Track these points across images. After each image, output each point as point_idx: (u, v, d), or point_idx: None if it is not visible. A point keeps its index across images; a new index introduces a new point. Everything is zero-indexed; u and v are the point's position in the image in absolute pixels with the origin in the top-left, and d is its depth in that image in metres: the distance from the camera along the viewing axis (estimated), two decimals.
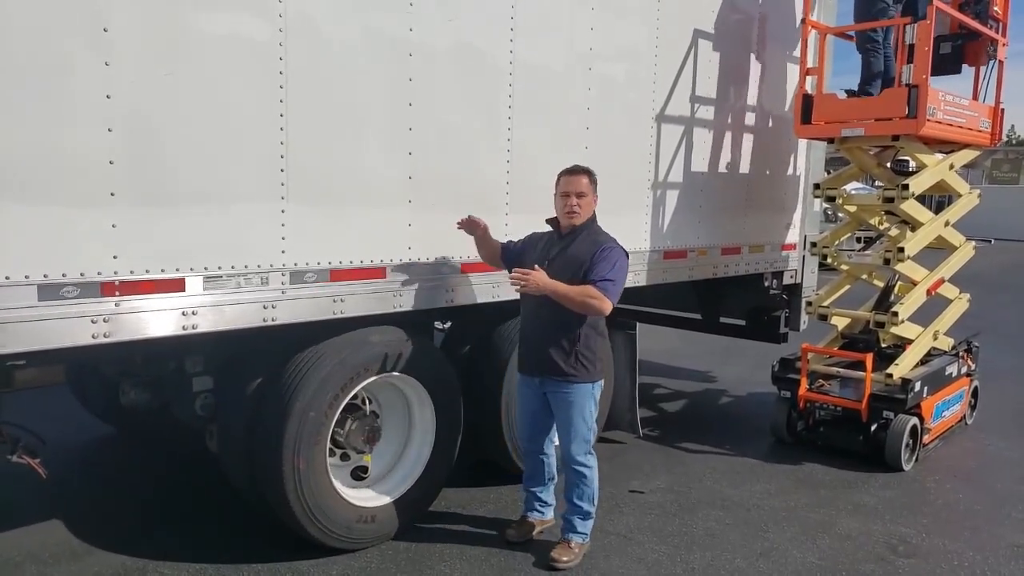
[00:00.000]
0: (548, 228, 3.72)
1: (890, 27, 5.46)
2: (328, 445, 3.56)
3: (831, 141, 5.62)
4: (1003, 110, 5.87)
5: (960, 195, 5.81)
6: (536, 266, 3.43)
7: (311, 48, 3.19)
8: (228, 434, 3.61)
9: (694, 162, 5.22)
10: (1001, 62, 5.77)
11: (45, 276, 2.60)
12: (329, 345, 3.52)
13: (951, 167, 5.55)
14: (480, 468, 4.50)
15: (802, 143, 6.02)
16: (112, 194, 2.71)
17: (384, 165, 3.54)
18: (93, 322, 2.71)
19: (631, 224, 4.80)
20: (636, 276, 4.81)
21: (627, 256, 3.60)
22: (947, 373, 5.58)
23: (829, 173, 6.32)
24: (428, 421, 3.97)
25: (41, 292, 2.59)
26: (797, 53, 5.51)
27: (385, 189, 3.56)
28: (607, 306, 3.43)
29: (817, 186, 5.67)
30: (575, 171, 3.62)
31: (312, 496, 3.46)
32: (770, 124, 5.75)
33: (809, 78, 5.41)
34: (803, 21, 5.34)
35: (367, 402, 3.85)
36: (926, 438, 5.26)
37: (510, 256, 3.77)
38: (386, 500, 3.81)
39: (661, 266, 5.04)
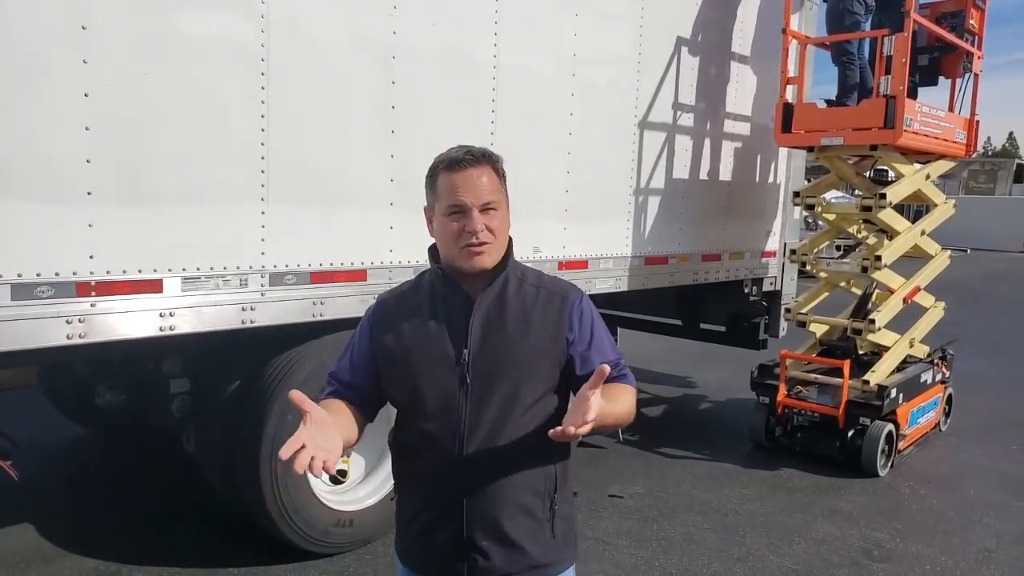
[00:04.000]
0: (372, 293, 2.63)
1: (865, 39, 5.54)
2: None
3: (811, 150, 5.68)
4: (978, 122, 5.98)
5: (936, 205, 5.90)
6: (592, 393, 1.46)
7: (293, 49, 3.18)
8: (205, 436, 3.58)
9: (676, 169, 5.25)
10: (976, 75, 5.87)
11: (19, 275, 2.56)
12: (309, 348, 3.50)
13: (928, 177, 5.63)
14: None
15: (782, 151, 6.08)
16: (89, 193, 2.68)
17: (366, 167, 3.53)
18: (68, 323, 2.67)
19: (613, 230, 4.82)
20: (617, 282, 4.83)
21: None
22: (922, 380, 5.65)
23: (809, 181, 6.40)
24: None
25: (15, 291, 2.55)
26: (778, 62, 5.56)
27: (367, 191, 3.55)
28: None
29: (797, 194, 5.74)
30: (467, 161, 1.73)
31: (290, 499, 3.43)
32: (751, 132, 5.81)
33: (789, 87, 5.47)
34: (783, 31, 5.40)
35: None
36: (901, 444, 5.32)
37: (362, 382, 1.82)
38: (364, 504, 3.79)
39: (642, 272, 5.06)
